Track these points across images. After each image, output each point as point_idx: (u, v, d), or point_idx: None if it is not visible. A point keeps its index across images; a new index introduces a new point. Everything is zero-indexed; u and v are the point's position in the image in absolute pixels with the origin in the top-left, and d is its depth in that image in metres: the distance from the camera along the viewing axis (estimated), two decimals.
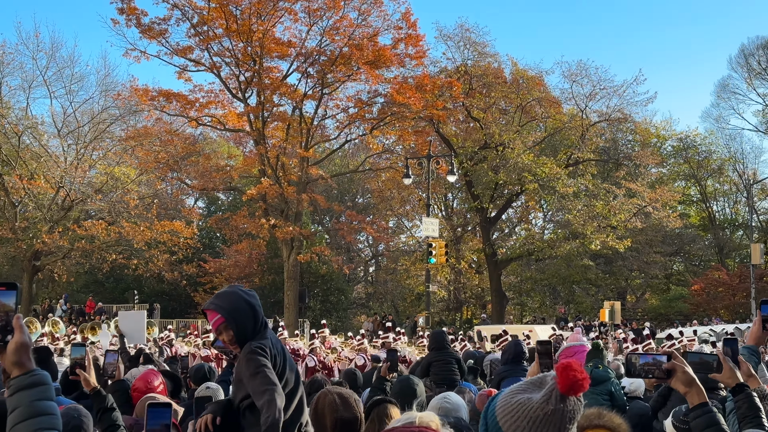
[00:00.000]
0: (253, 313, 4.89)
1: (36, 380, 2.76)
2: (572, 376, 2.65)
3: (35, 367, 2.79)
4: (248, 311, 4.88)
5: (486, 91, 47.79)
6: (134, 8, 40.21)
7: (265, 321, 5.02)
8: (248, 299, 4.92)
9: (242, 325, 4.85)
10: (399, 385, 6.97)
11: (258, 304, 4.95)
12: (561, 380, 2.66)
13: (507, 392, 2.84)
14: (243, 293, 4.93)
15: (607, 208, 45.81)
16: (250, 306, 4.90)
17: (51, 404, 2.77)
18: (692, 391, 3.39)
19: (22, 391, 2.73)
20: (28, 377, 2.75)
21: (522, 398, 2.74)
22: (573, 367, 2.67)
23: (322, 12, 41.25)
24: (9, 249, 43.80)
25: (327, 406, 4.63)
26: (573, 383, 2.64)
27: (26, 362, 2.77)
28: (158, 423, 4.03)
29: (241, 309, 4.87)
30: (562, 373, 2.67)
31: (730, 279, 50.71)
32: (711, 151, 60.53)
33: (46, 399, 2.76)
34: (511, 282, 57.33)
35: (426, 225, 37.29)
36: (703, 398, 3.40)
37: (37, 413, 2.72)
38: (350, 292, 60.03)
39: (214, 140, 59.25)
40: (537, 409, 2.68)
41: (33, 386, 2.74)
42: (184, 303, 52.44)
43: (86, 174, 43.09)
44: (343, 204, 56.90)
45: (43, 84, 44.54)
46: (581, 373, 2.66)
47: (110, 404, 5.35)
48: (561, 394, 2.67)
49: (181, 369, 11.96)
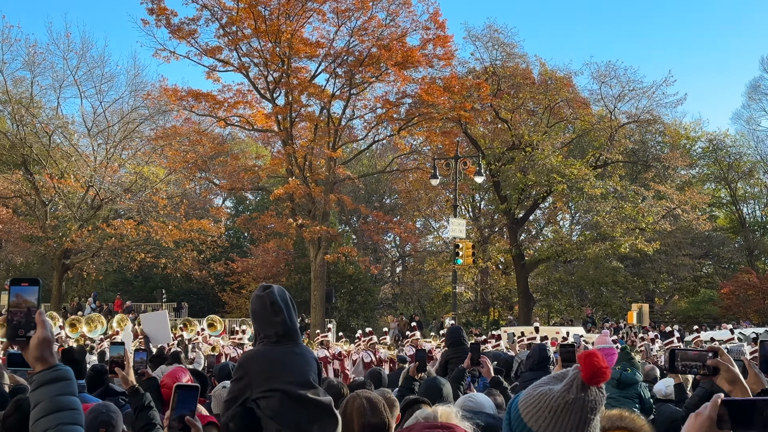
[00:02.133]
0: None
1: (58, 375, 2.78)
2: (595, 364, 2.64)
3: (58, 362, 2.81)
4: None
5: (514, 92, 47.61)
6: (164, 9, 40.47)
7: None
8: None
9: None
10: (425, 386, 6.96)
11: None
12: (584, 368, 2.65)
13: (530, 387, 2.84)
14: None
15: (636, 210, 45.51)
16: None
17: (73, 399, 2.79)
18: (736, 390, 3.35)
19: (44, 386, 2.76)
20: (50, 372, 2.77)
21: (544, 389, 2.74)
22: (596, 355, 2.67)
23: (351, 12, 41.29)
24: (39, 247, 44.21)
25: (355, 410, 4.63)
26: (596, 371, 2.63)
27: (48, 357, 2.79)
28: (187, 407, 4.06)
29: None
30: (585, 360, 2.66)
31: (760, 282, 50.18)
32: (741, 153, 59.95)
33: (69, 394, 2.78)
34: (538, 283, 57.10)
35: (453, 226, 37.20)
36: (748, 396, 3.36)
37: (59, 408, 2.74)
38: (377, 292, 60.03)
39: (242, 140, 59.52)
40: (558, 398, 2.67)
41: (55, 381, 2.77)
42: (211, 302, 52.70)
43: (116, 173, 43.42)
44: (371, 204, 56.96)
45: (74, 84, 44.93)
46: (603, 361, 2.65)
47: (147, 402, 5.37)
48: (583, 383, 2.66)
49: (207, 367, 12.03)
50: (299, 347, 5.06)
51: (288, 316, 4.99)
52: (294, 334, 5.03)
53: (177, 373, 6.50)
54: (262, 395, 4.80)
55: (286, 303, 4.99)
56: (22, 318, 2.84)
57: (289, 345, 4.96)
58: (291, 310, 5.03)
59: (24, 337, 2.82)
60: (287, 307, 4.98)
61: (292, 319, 5.04)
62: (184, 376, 6.43)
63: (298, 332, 5.17)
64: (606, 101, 48.70)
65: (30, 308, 2.85)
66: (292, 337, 5.00)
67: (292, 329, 5.01)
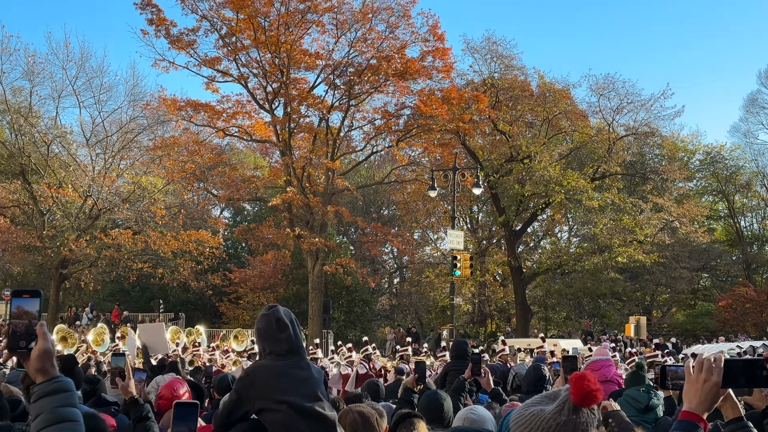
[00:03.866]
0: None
1: (59, 387, 2.78)
2: (586, 386, 2.71)
3: (59, 374, 2.81)
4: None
5: (512, 104, 47.68)
6: (163, 19, 40.53)
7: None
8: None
9: None
10: (426, 400, 6.94)
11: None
12: (574, 391, 2.72)
13: (521, 405, 2.88)
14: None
15: (634, 222, 45.53)
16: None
17: (74, 411, 2.80)
18: (727, 405, 3.36)
19: (45, 398, 2.76)
20: (51, 384, 2.78)
21: (535, 410, 2.81)
22: (587, 377, 2.74)
23: (350, 24, 41.37)
24: (37, 257, 44.14)
25: (348, 425, 4.65)
26: (586, 394, 2.70)
27: (49, 369, 2.80)
28: (185, 425, 4.04)
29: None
30: (575, 383, 2.73)
31: (757, 295, 50.14)
32: (739, 166, 60.02)
33: (69, 405, 2.78)
34: (536, 295, 57.07)
35: (451, 237, 37.23)
36: (738, 412, 3.36)
37: (60, 419, 2.74)
38: (374, 303, 59.96)
39: (240, 151, 59.52)
40: (550, 419, 2.73)
41: (56, 393, 2.77)
42: (209, 313, 52.65)
43: (114, 183, 43.37)
44: (369, 215, 56.95)
45: (73, 93, 44.88)
46: (594, 384, 2.73)
47: (146, 413, 5.37)
48: (574, 405, 2.71)
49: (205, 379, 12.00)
50: (305, 362, 5.14)
51: (293, 333, 5.08)
52: (300, 350, 5.13)
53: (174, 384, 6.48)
54: (267, 407, 4.82)
55: (291, 321, 5.10)
56: (23, 329, 2.84)
57: (295, 360, 5.02)
58: (296, 327, 5.13)
59: (25, 349, 2.83)
60: (292, 325, 5.09)
61: (297, 336, 5.14)
62: (182, 388, 6.41)
63: (304, 349, 5.24)
64: (604, 114, 48.76)
65: (31, 320, 2.85)
66: (298, 352, 5.08)
67: (297, 345, 5.10)
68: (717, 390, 2.96)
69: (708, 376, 2.96)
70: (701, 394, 2.95)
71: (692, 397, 2.98)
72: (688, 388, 3.00)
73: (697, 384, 2.97)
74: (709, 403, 2.96)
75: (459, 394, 7.90)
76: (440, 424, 6.25)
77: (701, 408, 2.96)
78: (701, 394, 2.95)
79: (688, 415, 2.96)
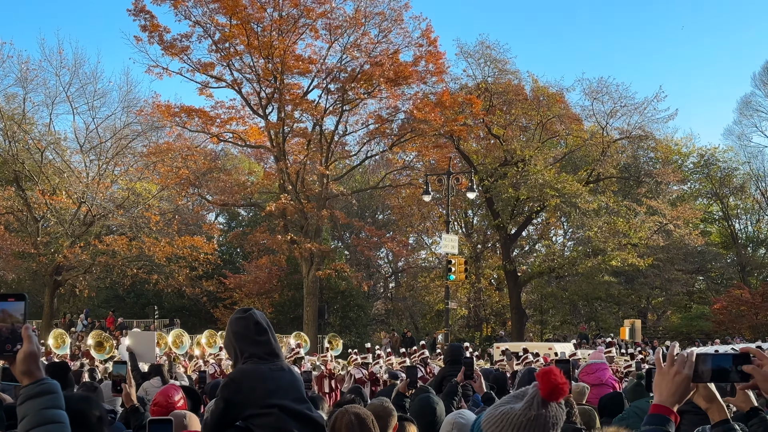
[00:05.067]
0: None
1: (45, 389, 2.80)
2: (552, 381, 2.80)
3: (44, 376, 2.84)
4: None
5: (506, 108, 47.72)
6: (157, 25, 40.55)
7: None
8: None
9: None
10: (419, 404, 6.92)
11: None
12: (542, 385, 2.81)
13: (491, 406, 2.94)
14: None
15: (628, 226, 45.57)
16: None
17: (60, 413, 2.82)
18: (713, 408, 3.35)
19: (31, 400, 2.78)
20: (37, 386, 2.80)
21: (505, 408, 2.89)
22: (553, 372, 2.84)
23: (343, 29, 41.45)
24: (31, 264, 44.03)
25: (344, 426, 4.63)
26: (553, 388, 2.79)
27: (35, 371, 2.81)
28: None
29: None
30: (542, 378, 2.82)
31: (752, 297, 50.16)
32: (733, 169, 60.11)
33: (55, 407, 2.80)
34: (532, 299, 57.07)
35: (446, 241, 37.20)
36: (725, 415, 3.36)
37: (45, 421, 2.76)
38: (370, 308, 59.88)
39: (235, 156, 59.47)
40: (520, 416, 2.82)
41: (42, 395, 2.79)
42: (204, 318, 52.46)
43: (108, 189, 43.31)
44: (363, 220, 56.89)
45: (66, 100, 44.84)
46: (561, 378, 2.82)
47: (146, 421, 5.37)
48: (542, 400, 2.80)
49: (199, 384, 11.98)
50: (285, 364, 5.10)
51: (272, 336, 5.04)
52: (279, 353, 5.08)
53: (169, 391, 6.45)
54: (257, 413, 4.77)
55: (267, 324, 5.05)
56: (8, 333, 2.85)
57: (276, 362, 4.98)
58: (272, 331, 5.10)
59: (11, 352, 2.84)
60: (269, 328, 5.05)
61: (276, 339, 5.10)
62: (177, 395, 6.38)
63: (281, 352, 5.20)
64: (598, 117, 48.87)
65: (15, 323, 2.86)
66: (277, 355, 5.04)
67: (277, 348, 5.06)
68: (688, 383, 2.96)
69: (680, 368, 2.96)
70: (671, 387, 2.96)
71: (663, 390, 2.98)
72: (659, 381, 3.00)
73: (668, 376, 2.98)
74: (679, 395, 2.96)
75: (452, 398, 7.89)
76: (433, 429, 6.24)
77: (671, 401, 2.95)
78: (671, 387, 2.96)
79: (659, 408, 2.96)
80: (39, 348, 2.87)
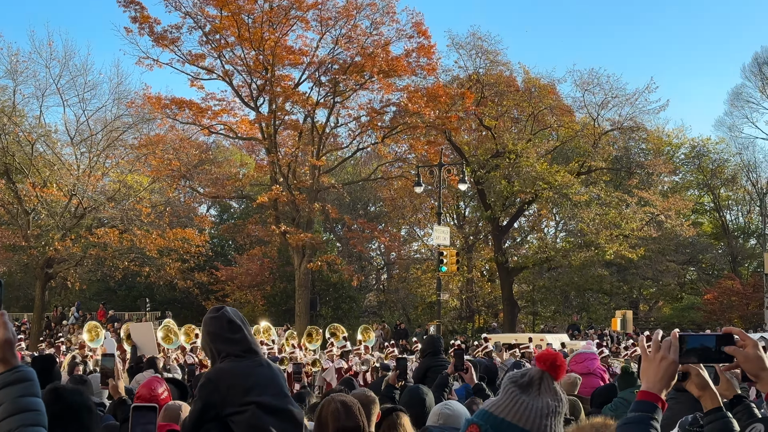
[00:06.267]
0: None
1: (20, 377, 2.77)
2: (549, 356, 2.96)
3: (20, 364, 2.81)
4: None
5: (498, 100, 47.69)
6: (147, 17, 40.43)
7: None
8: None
9: None
10: (408, 395, 6.92)
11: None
12: (541, 364, 2.95)
13: (502, 401, 2.96)
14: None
15: (620, 217, 45.63)
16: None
17: (36, 400, 2.79)
18: (706, 395, 3.35)
19: (6, 388, 2.75)
20: (12, 374, 2.76)
21: (523, 400, 2.93)
22: (547, 350, 3.05)
23: (335, 21, 41.37)
24: (22, 256, 43.88)
25: (330, 414, 4.61)
26: (552, 361, 2.94)
27: (10, 358, 2.78)
28: (143, 428, 4.00)
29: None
30: (539, 358, 3.01)
31: (743, 288, 50.34)
32: (724, 160, 60.25)
33: (31, 395, 2.78)
34: (524, 290, 57.12)
35: (437, 233, 37.19)
36: (717, 403, 3.37)
37: (21, 409, 2.73)
38: (361, 300, 59.93)
39: (226, 148, 59.39)
40: (532, 401, 2.90)
41: (17, 382, 2.76)
42: (196, 311, 52.38)
43: (99, 182, 43.18)
44: (355, 212, 56.90)
45: (56, 92, 44.61)
46: (555, 353, 2.99)
47: None
48: (547, 375, 2.94)
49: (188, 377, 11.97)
50: (264, 359, 5.07)
51: (247, 332, 5.01)
52: (256, 348, 5.05)
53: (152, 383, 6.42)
54: (236, 410, 4.75)
55: (242, 320, 5.01)
56: None
57: (254, 358, 4.95)
58: (247, 326, 5.06)
59: None
60: (244, 324, 5.01)
61: (252, 335, 5.06)
62: (160, 387, 6.35)
63: (259, 347, 5.17)
64: (589, 108, 48.91)
65: None
66: (255, 351, 5.01)
67: (253, 343, 5.03)
68: (675, 368, 3.00)
69: (665, 353, 2.98)
70: (658, 372, 2.98)
71: (650, 376, 3.01)
72: (645, 367, 3.03)
73: (654, 362, 3.00)
74: (666, 381, 2.99)
75: (442, 389, 7.89)
76: (422, 420, 6.23)
77: (658, 386, 2.98)
78: (658, 372, 2.98)
79: (646, 395, 2.98)
80: (14, 335, 2.84)
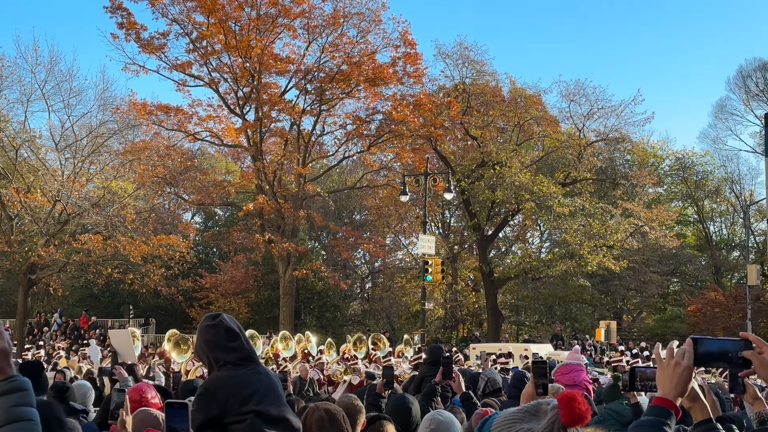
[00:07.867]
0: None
1: (15, 386, 2.74)
2: (576, 409, 2.69)
3: (15, 373, 2.77)
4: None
5: (484, 110, 47.80)
6: (134, 23, 40.35)
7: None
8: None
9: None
10: (394, 404, 6.90)
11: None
12: (564, 413, 2.70)
13: (502, 419, 2.84)
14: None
15: (604, 228, 45.73)
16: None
17: (30, 410, 2.75)
18: (696, 407, 3.36)
19: (1, 397, 2.71)
20: (7, 383, 2.73)
21: (522, 428, 2.75)
22: (576, 399, 2.72)
23: (321, 29, 41.40)
24: (5, 262, 43.60)
25: (314, 422, 4.60)
26: (577, 416, 2.69)
27: (6, 368, 2.75)
28: (178, 423, 3.90)
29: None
30: (566, 405, 2.71)
31: (726, 300, 50.54)
32: (708, 172, 60.57)
33: (26, 405, 2.74)
34: (508, 300, 57.19)
35: (422, 242, 37.22)
36: (707, 414, 3.37)
37: (15, 419, 2.70)
38: (346, 308, 59.88)
39: (212, 155, 59.25)
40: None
41: (12, 392, 2.72)
42: (179, 318, 52.24)
43: (83, 188, 42.94)
44: (341, 220, 56.86)
45: (42, 97, 44.40)
46: (584, 404, 2.71)
47: None
48: (563, 426, 2.68)
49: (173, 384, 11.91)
50: (262, 367, 5.03)
51: (245, 340, 4.96)
52: (254, 356, 5.00)
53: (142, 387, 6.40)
54: (235, 419, 4.69)
55: (239, 328, 4.97)
56: None
57: (252, 366, 4.90)
58: (244, 334, 5.02)
59: None
60: (241, 332, 4.97)
61: (249, 343, 5.01)
62: (150, 392, 6.33)
63: (257, 354, 5.13)
64: (575, 119, 49.01)
65: None
66: (253, 359, 4.96)
67: (251, 351, 4.98)
68: (689, 374, 3.02)
69: (679, 359, 3.02)
70: (673, 378, 3.01)
71: (665, 383, 3.04)
72: (660, 374, 3.06)
73: (668, 369, 3.03)
74: (681, 387, 3.01)
75: (430, 399, 7.87)
76: (407, 429, 6.22)
77: (674, 393, 3.01)
78: (673, 378, 3.01)
79: (661, 401, 3.00)
80: (10, 345, 2.81)
